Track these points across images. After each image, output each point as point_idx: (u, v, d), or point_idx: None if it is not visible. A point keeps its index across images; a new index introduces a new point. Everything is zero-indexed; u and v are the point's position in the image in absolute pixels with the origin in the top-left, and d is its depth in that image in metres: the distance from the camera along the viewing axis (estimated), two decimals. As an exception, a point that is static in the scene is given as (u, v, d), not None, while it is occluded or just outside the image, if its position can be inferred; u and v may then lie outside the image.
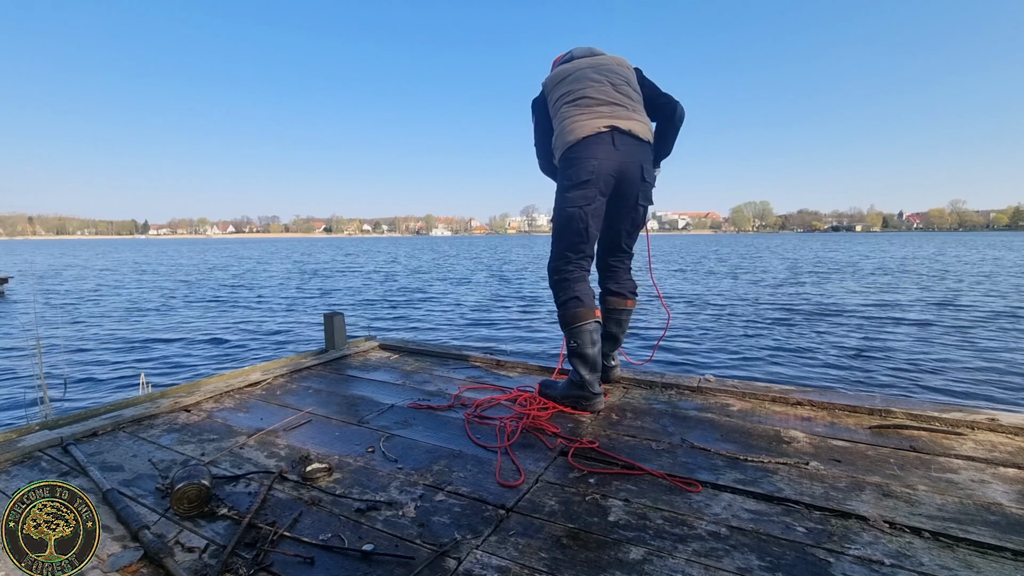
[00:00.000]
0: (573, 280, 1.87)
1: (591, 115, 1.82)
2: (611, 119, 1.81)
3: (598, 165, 1.78)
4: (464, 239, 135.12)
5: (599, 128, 1.79)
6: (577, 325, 1.80)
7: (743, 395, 1.92)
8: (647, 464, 1.38)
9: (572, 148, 1.83)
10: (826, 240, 77.33)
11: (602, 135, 1.79)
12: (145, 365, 5.87)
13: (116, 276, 19.10)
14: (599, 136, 1.79)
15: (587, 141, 1.80)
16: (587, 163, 1.79)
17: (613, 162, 1.79)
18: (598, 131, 1.79)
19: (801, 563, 0.97)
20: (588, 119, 1.81)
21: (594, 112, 1.82)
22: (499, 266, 24.36)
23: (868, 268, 19.64)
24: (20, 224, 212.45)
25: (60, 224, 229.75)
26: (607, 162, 1.79)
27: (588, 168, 1.79)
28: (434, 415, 1.80)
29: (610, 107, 1.83)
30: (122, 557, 1.00)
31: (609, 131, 1.79)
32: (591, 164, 1.79)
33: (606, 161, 1.79)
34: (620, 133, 1.80)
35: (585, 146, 1.80)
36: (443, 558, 1.00)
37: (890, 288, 12.77)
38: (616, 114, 1.82)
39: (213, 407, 1.89)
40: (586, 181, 1.80)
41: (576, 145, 1.82)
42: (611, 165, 1.80)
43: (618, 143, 1.80)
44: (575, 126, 1.82)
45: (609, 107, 1.83)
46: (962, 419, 1.61)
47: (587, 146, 1.80)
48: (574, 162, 1.82)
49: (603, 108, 1.83)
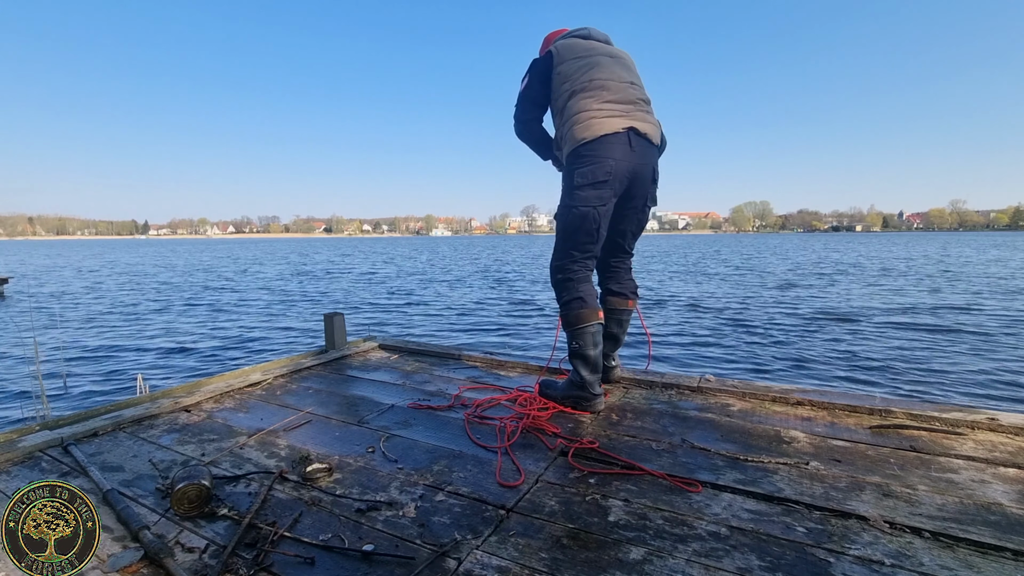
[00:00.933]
0: (577, 280, 1.84)
1: (609, 112, 1.77)
2: (629, 119, 1.77)
3: (615, 166, 1.75)
4: (464, 239, 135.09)
5: (618, 128, 1.75)
6: (580, 326, 1.79)
7: (743, 395, 1.92)
8: (647, 464, 1.38)
9: (588, 144, 1.77)
10: (827, 240, 77.34)
11: (620, 135, 1.75)
12: (144, 366, 5.87)
13: (100, 277, 19.01)
14: (617, 136, 1.75)
15: (604, 140, 1.75)
16: (605, 163, 1.74)
17: (629, 163, 1.77)
18: (616, 131, 1.75)
19: (801, 563, 0.97)
20: (607, 116, 1.76)
21: (612, 109, 1.78)
22: (498, 267, 24.34)
23: (872, 268, 19.63)
24: (20, 224, 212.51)
25: (60, 224, 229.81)
26: (623, 163, 1.76)
27: (606, 168, 1.74)
28: (434, 415, 1.80)
29: (627, 106, 1.80)
30: (122, 557, 1.00)
31: (627, 132, 1.76)
32: (609, 164, 1.74)
33: (623, 162, 1.75)
34: (637, 135, 1.77)
35: (602, 145, 1.75)
36: (443, 558, 1.00)
37: (894, 288, 12.76)
38: (633, 114, 1.79)
39: (213, 407, 1.89)
40: (604, 181, 1.75)
41: (593, 142, 1.76)
42: (627, 167, 1.77)
43: (634, 145, 1.77)
44: (592, 122, 1.76)
45: (626, 106, 1.80)
46: (962, 419, 1.61)
47: (604, 145, 1.75)
48: (590, 160, 1.76)
49: (621, 106, 1.79)
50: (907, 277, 15.71)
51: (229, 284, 16.32)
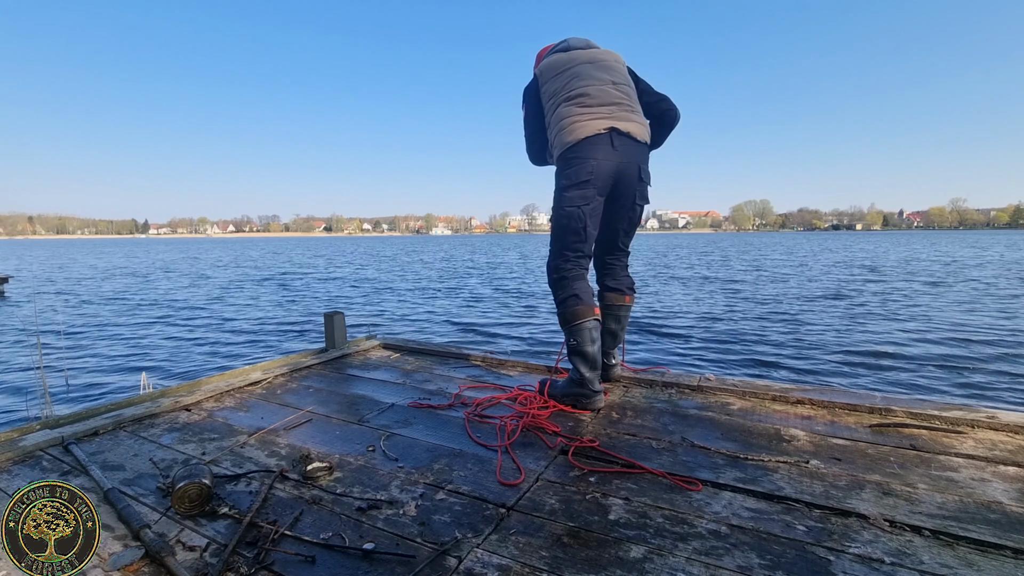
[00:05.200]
0: (572, 278, 1.87)
1: (591, 115, 1.83)
2: (611, 120, 1.82)
3: (597, 165, 1.80)
4: (464, 238, 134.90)
5: (599, 129, 1.80)
6: (576, 323, 1.81)
7: (743, 394, 1.92)
8: (647, 463, 1.38)
9: (572, 148, 1.84)
10: (827, 239, 77.23)
11: (601, 136, 1.80)
12: (145, 364, 5.88)
13: (101, 277, 19.03)
14: (598, 137, 1.80)
15: (587, 142, 1.81)
16: (586, 163, 1.80)
17: (612, 163, 1.81)
18: (598, 132, 1.80)
19: (801, 561, 0.98)
20: (588, 119, 1.82)
21: (594, 112, 1.83)
22: (497, 265, 24.34)
23: (871, 267, 19.62)
24: (20, 224, 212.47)
25: (60, 224, 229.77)
26: (606, 163, 1.80)
27: (587, 168, 1.80)
28: (435, 414, 1.80)
29: (609, 107, 1.84)
30: (123, 556, 1.00)
31: (608, 132, 1.81)
32: (590, 164, 1.80)
33: (605, 162, 1.80)
34: (619, 134, 1.82)
35: (585, 146, 1.81)
36: (444, 557, 1.00)
37: (895, 288, 12.76)
38: (615, 115, 1.84)
39: (214, 406, 1.89)
40: (585, 181, 1.81)
41: (576, 145, 1.83)
42: (610, 166, 1.81)
43: (617, 144, 1.81)
44: (575, 126, 1.83)
45: (608, 107, 1.84)
46: (962, 417, 1.61)
47: (586, 146, 1.81)
48: (573, 162, 1.83)
49: (603, 108, 1.84)
50: (913, 277, 15.70)
51: (241, 281, 16.34)
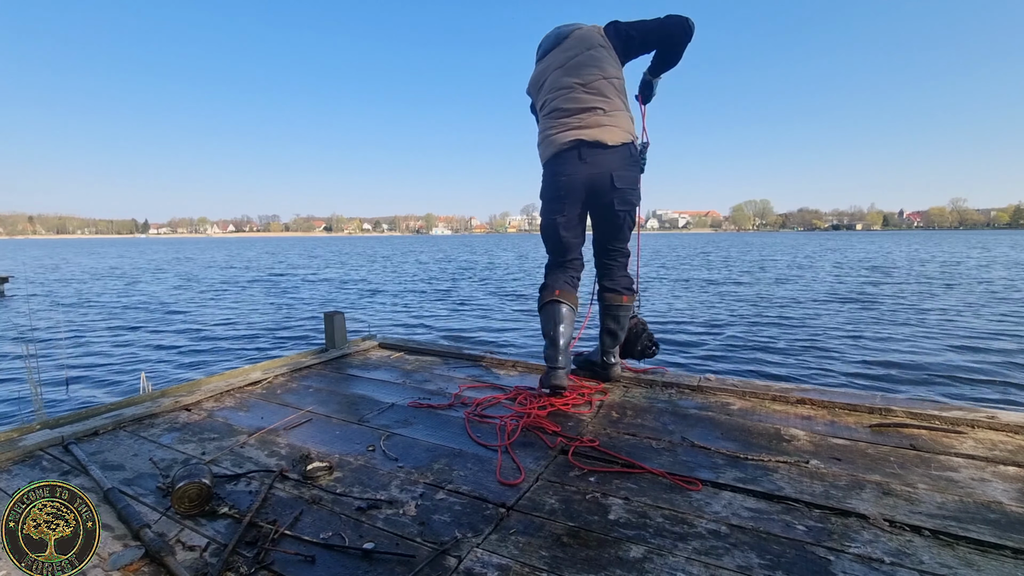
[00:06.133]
0: (549, 276, 2.06)
1: (559, 128, 1.90)
2: (578, 131, 1.86)
3: (567, 181, 1.90)
4: (464, 237, 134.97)
5: (565, 144, 1.87)
6: (541, 305, 1.99)
7: (743, 394, 1.92)
8: (647, 463, 1.38)
9: (545, 164, 1.98)
10: (827, 239, 77.25)
11: (570, 151, 1.88)
12: (145, 365, 5.88)
13: (100, 277, 19.04)
14: (567, 152, 1.89)
15: (557, 158, 1.91)
16: (557, 179, 1.92)
17: (582, 176, 1.88)
18: (565, 147, 1.88)
19: (801, 561, 0.98)
20: (556, 133, 1.90)
21: (563, 124, 1.90)
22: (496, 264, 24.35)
23: (871, 266, 19.63)
24: (20, 223, 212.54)
25: (60, 223, 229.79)
26: (576, 176, 1.88)
27: (558, 184, 1.93)
28: (434, 414, 1.80)
29: (579, 115, 1.87)
30: (123, 556, 1.00)
31: (575, 145, 1.86)
32: (560, 180, 1.91)
33: (575, 176, 1.88)
34: (587, 146, 1.85)
35: (555, 163, 1.92)
36: (444, 556, 1.00)
37: (895, 288, 12.77)
38: (584, 123, 1.86)
39: (214, 406, 1.89)
40: (556, 196, 1.94)
41: (548, 162, 1.96)
42: (580, 179, 1.89)
43: (585, 156, 1.86)
44: (548, 142, 1.94)
45: (578, 116, 1.88)
46: (962, 417, 1.61)
47: (557, 163, 1.91)
48: (546, 178, 1.98)
49: (572, 119, 1.88)
50: (914, 278, 15.70)
51: (240, 282, 16.32)
